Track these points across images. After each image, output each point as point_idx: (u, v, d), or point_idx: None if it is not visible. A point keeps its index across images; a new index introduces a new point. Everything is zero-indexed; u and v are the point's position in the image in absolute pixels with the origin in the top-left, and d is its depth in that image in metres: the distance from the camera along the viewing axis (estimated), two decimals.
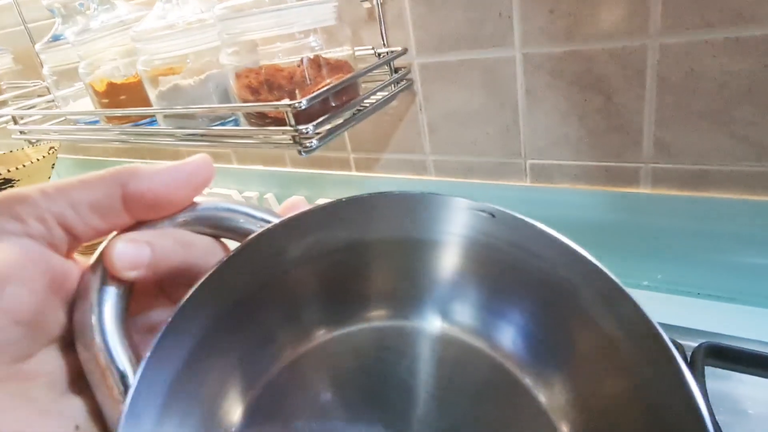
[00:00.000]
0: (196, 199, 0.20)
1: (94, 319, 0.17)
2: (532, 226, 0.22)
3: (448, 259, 0.26)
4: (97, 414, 0.17)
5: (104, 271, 0.18)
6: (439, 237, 0.25)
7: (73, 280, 0.18)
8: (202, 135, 0.40)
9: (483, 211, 0.23)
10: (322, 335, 0.26)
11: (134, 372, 0.17)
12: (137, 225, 0.18)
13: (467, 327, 0.26)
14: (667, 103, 0.38)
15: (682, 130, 0.38)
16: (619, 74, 0.39)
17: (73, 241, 0.17)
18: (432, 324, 0.26)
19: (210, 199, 0.20)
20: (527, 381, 0.25)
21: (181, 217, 0.19)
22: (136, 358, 0.18)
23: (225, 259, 0.18)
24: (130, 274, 0.17)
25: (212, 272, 0.18)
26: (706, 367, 0.39)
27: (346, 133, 0.55)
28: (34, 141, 0.56)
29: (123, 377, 0.17)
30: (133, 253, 0.17)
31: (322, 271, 0.24)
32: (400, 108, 0.50)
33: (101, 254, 0.18)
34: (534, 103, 0.43)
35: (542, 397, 0.24)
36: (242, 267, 0.19)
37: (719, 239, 0.40)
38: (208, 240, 0.19)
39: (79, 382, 0.18)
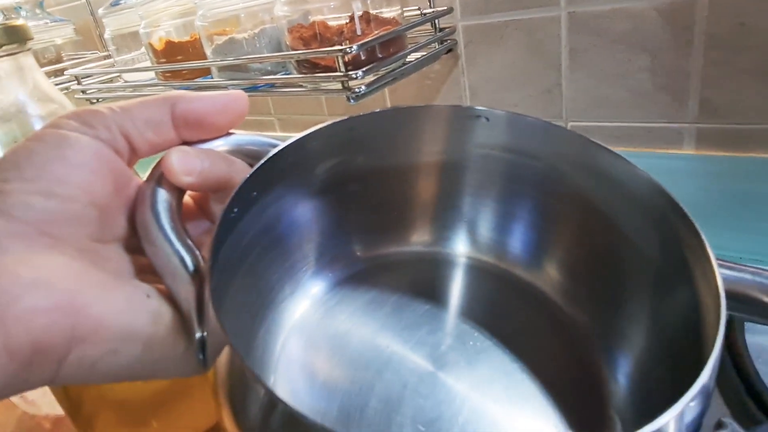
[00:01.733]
0: (234, 131, 0.22)
1: (154, 217, 0.19)
2: (524, 118, 0.23)
3: (458, 180, 0.26)
4: (164, 292, 0.19)
5: (160, 179, 0.20)
6: (444, 157, 0.25)
7: (132, 187, 0.21)
8: (255, 86, 0.42)
9: (478, 116, 0.24)
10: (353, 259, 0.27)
11: (193, 259, 0.19)
12: (185, 146, 0.20)
13: (485, 246, 0.27)
14: (714, 61, 0.38)
15: (729, 89, 0.38)
16: (666, 31, 0.39)
17: (132, 154, 0.20)
18: (452, 247, 0.28)
19: (245, 132, 0.22)
20: (553, 296, 0.25)
21: (221, 143, 0.21)
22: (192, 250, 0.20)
23: (260, 162, 0.20)
24: (185, 180, 0.19)
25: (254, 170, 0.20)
26: (745, 323, 0.39)
27: (389, 99, 0.57)
28: (94, 100, 0.59)
29: (184, 262, 0.19)
30: (187, 160, 0.19)
31: (342, 198, 0.25)
32: (442, 72, 0.51)
33: (159, 163, 0.20)
34: (577, 64, 0.43)
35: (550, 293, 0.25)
36: (272, 176, 0.21)
37: (763, 201, 0.40)
38: (245, 164, 0.22)
39: (143, 275, 0.20)
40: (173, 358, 0.18)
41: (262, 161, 0.20)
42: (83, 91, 0.59)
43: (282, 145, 0.21)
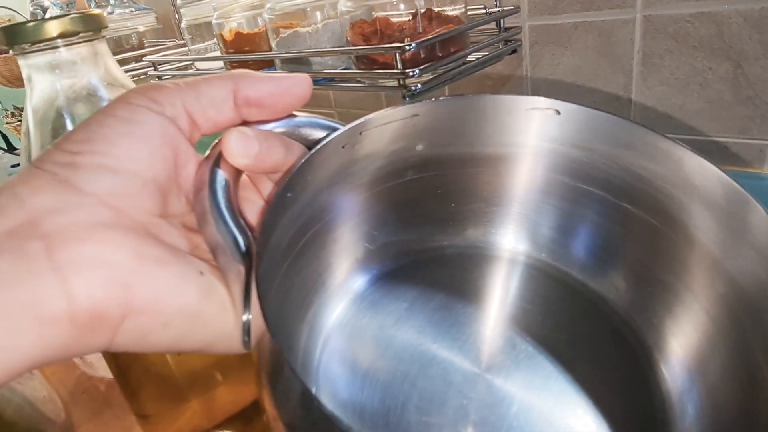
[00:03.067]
0: (295, 113, 0.22)
1: (211, 196, 0.19)
2: (598, 113, 0.22)
3: (521, 175, 0.25)
4: (217, 270, 0.19)
5: (219, 158, 0.20)
6: (508, 150, 0.24)
7: (192, 164, 0.21)
8: (314, 79, 0.43)
9: (548, 108, 0.22)
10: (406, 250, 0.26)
11: (246, 240, 0.19)
12: (245, 125, 0.21)
13: (545, 245, 0.26)
14: None
15: None
16: (754, 39, 0.36)
17: (194, 131, 0.20)
18: (509, 244, 0.26)
19: (307, 113, 0.22)
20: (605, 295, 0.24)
21: (281, 124, 0.21)
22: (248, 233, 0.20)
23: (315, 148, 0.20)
24: (242, 161, 0.20)
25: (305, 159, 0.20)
26: None
27: None
28: None
29: (237, 242, 0.19)
30: (245, 142, 0.20)
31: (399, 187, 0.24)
32: (504, 72, 0.50)
33: (218, 143, 0.20)
34: (650, 71, 0.41)
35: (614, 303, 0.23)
36: (323, 164, 0.21)
37: None
38: (304, 148, 0.22)
39: (198, 252, 0.20)
40: (221, 334, 0.18)
41: (318, 146, 0.20)
42: (158, 77, 0.63)
43: (340, 130, 0.21)
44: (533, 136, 0.24)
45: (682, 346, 0.22)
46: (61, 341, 0.16)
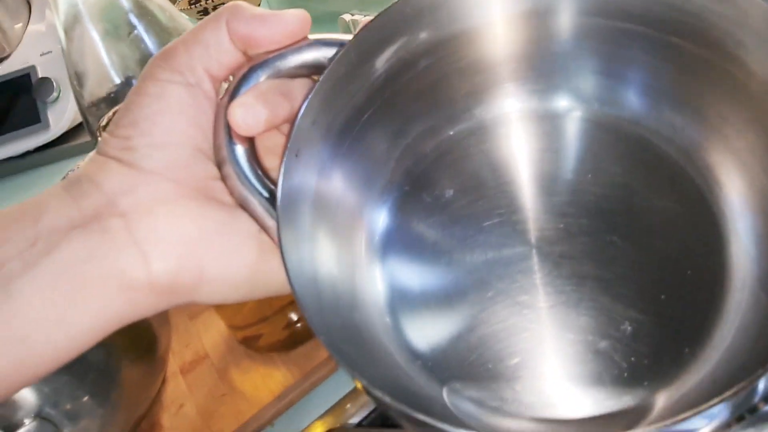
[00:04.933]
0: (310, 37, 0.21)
1: (229, 155, 0.20)
2: None
3: (550, 25, 0.22)
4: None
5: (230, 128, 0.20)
6: (526, 4, 0.22)
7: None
8: None
9: None
10: (446, 131, 0.25)
11: (268, 189, 0.20)
12: (254, 59, 0.21)
13: (592, 97, 0.23)
14: None
15: None
16: None
17: (215, 83, 0.21)
18: (557, 103, 0.24)
19: (319, 35, 0.21)
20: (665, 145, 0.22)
21: (289, 54, 0.21)
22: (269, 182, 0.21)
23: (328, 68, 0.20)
24: (252, 133, 0.20)
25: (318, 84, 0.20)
26: None
27: None
28: None
29: (260, 193, 0.20)
30: (249, 114, 0.20)
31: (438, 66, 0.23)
32: None
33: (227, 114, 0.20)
34: None
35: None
36: (341, 83, 0.21)
37: None
38: (308, 86, 0.21)
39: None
40: (276, 277, 0.20)
41: (314, 89, 0.20)
42: None
43: (332, 55, 0.20)
44: None
45: (744, 183, 0.21)
46: (145, 303, 0.19)
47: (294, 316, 0.45)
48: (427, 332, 0.22)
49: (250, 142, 0.21)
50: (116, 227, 0.18)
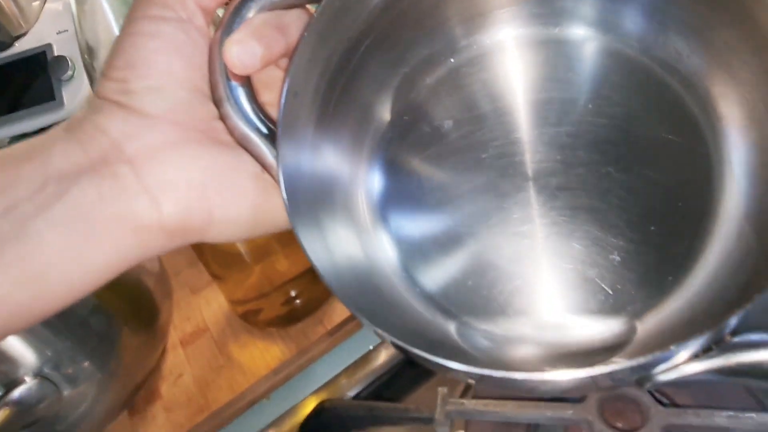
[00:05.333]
0: None
1: (226, 94, 0.20)
2: None
3: None
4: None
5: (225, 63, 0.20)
6: None
7: None
8: None
9: None
10: (448, 58, 0.24)
11: (266, 129, 0.20)
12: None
13: (596, 22, 0.23)
14: None
15: None
16: None
17: (206, 14, 0.20)
18: (560, 28, 0.24)
19: None
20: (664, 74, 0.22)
21: None
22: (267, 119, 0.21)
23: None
24: (248, 71, 0.20)
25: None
26: None
27: None
28: None
29: (259, 131, 0.20)
30: (245, 51, 0.19)
31: None
32: None
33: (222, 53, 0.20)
34: None
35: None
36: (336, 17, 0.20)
37: None
38: (303, 18, 0.21)
39: None
40: (279, 215, 0.20)
41: (310, 24, 0.19)
42: None
43: None
44: None
45: (743, 116, 0.21)
46: (156, 243, 0.19)
47: (293, 293, 0.45)
48: (437, 274, 0.23)
49: (248, 80, 0.21)
50: (124, 173, 0.18)
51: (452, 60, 0.25)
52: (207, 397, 0.43)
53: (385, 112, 0.25)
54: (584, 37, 0.24)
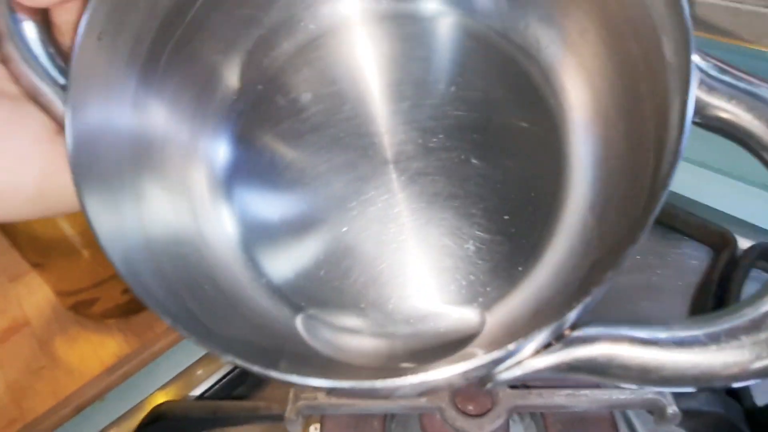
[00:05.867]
0: None
1: (19, 48, 0.16)
2: None
3: None
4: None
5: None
6: None
7: None
8: None
9: None
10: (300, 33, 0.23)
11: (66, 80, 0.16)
12: None
13: (466, 4, 0.22)
14: None
15: None
16: None
17: None
18: (428, 4, 0.23)
19: None
20: (515, 53, 0.22)
21: None
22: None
23: None
24: (41, 4, 0.16)
25: None
26: (753, 269, 0.35)
27: None
28: None
29: (57, 83, 0.16)
30: None
31: None
32: None
33: None
34: None
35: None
36: None
37: None
38: None
39: None
40: (72, 191, 0.16)
41: None
42: None
43: None
44: None
45: (592, 108, 0.21)
46: None
47: None
48: (286, 261, 0.21)
49: (43, 16, 0.17)
50: None
51: (313, 26, 0.22)
52: (21, 406, 0.36)
53: (234, 78, 0.22)
54: (451, 16, 0.23)
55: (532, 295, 0.20)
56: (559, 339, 0.15)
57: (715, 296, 0.34)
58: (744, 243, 0.37)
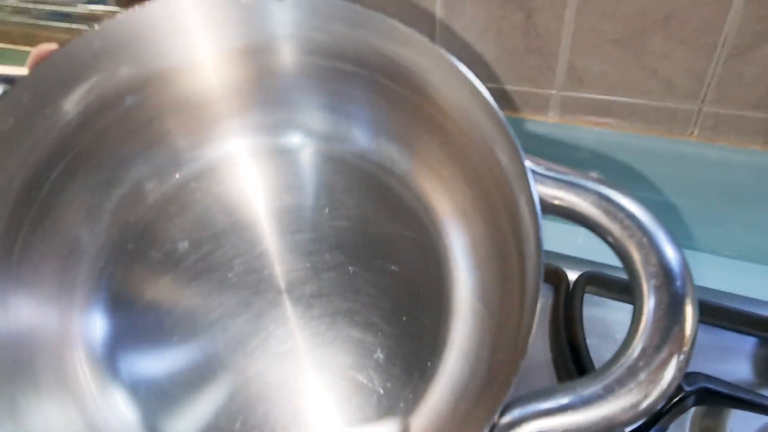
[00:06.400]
0: None
1: None
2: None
3: (271, 63, 0.23)
4: None
5: None
6: (243, 42, 0.22)
7: None
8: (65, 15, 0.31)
9: None
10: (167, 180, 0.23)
11: None
12: None
13: (320, 132, 0.25)
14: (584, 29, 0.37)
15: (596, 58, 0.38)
16: None
17: None
18: (287, 138, 0.25)
19: None
20: (389, 178, 0.25)
21: None
22: None
23: None
24: None
25: None
26: (586, 294, 0.41)
27: None
28: None
29: None
30: None
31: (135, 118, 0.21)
32: None
33: None
34: (452, 18, 0.40)
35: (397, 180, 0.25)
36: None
37: (615, 172, 0.42)
38: None
39: None
40: None
41: None
42: None
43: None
44: (263, 27, 0.23)
45: (450, 205, 0.24)
46: None
47: None
48: (199, 425, 0.20)
49: None
50: None
51: (178, 176, 0.22)
52: None
53: (98, 243, 0.20)
54: (311, 147, 0.25)
55: (447, 386, 0.21)
56: (492, 430, 0.16)
57: (565, 328, 0.39)
58: (572, 275, 0.43)
